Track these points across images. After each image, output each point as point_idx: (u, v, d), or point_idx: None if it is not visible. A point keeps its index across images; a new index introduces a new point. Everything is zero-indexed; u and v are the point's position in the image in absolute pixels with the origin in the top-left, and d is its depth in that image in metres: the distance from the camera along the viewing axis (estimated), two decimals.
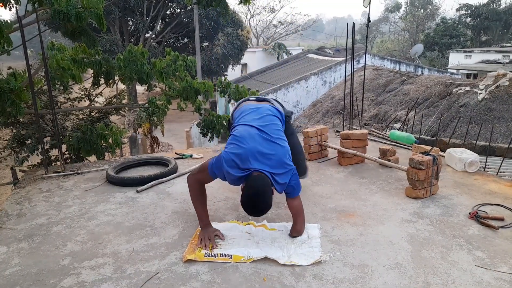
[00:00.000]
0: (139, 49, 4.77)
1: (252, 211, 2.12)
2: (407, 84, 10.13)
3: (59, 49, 4.40)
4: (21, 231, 2.48)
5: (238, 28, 21.66)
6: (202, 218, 2.34)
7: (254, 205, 2.09)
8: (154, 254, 2.17)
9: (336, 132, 4.91)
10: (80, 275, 1.99)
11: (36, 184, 3.34)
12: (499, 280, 1.90)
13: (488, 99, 7.53)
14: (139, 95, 21.75)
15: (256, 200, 2.07)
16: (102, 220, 2.62)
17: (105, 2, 4.02)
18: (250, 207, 2.10)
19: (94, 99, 6.04)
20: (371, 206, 2.78)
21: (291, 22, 39.20)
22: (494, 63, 17.26)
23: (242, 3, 4.92)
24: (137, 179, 3.26)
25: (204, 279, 1.94)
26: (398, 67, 14.56)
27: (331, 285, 1.89)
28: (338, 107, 10.86)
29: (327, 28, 70.95)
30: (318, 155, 3.87)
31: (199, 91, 5.11)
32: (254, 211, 2.12)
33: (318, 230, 2.40)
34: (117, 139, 4.62)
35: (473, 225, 2.46)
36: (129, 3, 18.10)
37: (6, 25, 3.32)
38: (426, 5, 34.10)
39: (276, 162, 2.17)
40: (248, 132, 2.25)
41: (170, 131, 14.03)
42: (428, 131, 7.46)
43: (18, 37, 3.32)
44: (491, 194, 2.95)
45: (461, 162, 3.43)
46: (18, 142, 5.15)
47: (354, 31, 5.10)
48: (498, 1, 28.67)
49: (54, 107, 3.66)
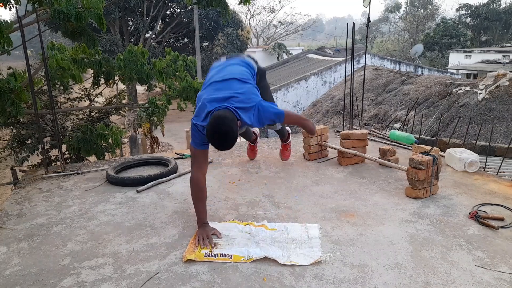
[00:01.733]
0: (139, 49, 4.77)
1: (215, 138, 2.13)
2: (407, 84, 10.13)
3: (59, 49, 4.40)
4: (21, 231, 2.48)
5: (238, 28, 21.68)
6: (200, 217, 2.36)
7: (216, 132, 2.10)
8: (154, 254, 2.17)
9: (336, 132, 4.91)
10: (80, 275, 1.99)
11: (36, 184, 3.34)
12: (499, 280, 1.91)
13: (488, 99, 7.54)
14: (139, 95, 21.75)
15: (217, 125, 2.10)
16: (102, 220, 2.62)
17: (105, 2, 4.02)
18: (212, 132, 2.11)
19: (94, 99, 6.05)
20: (371, 206, 2.78)
21: (291, 22, 39.23)
22: (494, 63, 17.27)
23: (242, 3, 4.91)
24: (137, 179, 3.26)
25: (204, 279, 1.94)
26: (398, 67, 14.56)
27: (331, 285, 1.89)
28: (338, 107, 10.86)
29: (327, 28, 71.01)
30: (318, 155, 3.87)
31: (199, 91, 5.11)
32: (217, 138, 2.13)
33: (318, 230, 2.40)
34: (117, 139, 4.62)
35: (473, 225, 2.46)
36: (129, 3, 18.11)
37: (6, 25, 3.33)
38: (426, 5, 34.11)
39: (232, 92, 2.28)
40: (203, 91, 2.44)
41: (170, 131, 14.02)
42: (428, 131, 7.47)
43: (18, 37, 3.32)
44: (491, 194, 2.95)
45: (461, 162, 3.43)
46: (18, 142, 5.15)
47: (354, 31, 5.10)
48: (498, 1, 28.67)
49: (54, 107, 3.66)
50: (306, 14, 67.03)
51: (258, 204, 2.84)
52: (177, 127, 15.92)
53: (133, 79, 4.92)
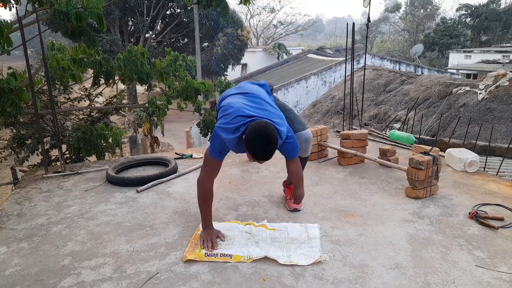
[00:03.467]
0: (139, 49, 4.77)
1: (263, 148, 1.96)
2: (407, 84, 10.13)
3: (59, 49, 4.40)
4: (21, 231, 2.48)
5: (238, 28, 21.67)
6: (205, 219, 2.32)
7: (264, 141, 1.93)
8: (154, 254, 2.17)
9: (336, 132, 4.91)
10: (80, 275, 1.99)
11: (36, 184, 3.34)
12: (499, 280, 1.91)
13: (488, 99, 7.54)
14: (139, 95, 21.76)
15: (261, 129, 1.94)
16: (102, 220, 2.62)
17: (105, 2, 4.02)
18: (259, 144, 1.95)
19: (94, 99, 6.05)
20: (371, 206, 2.78)
21: (291, 22, 39.22)
22: (494, 63, 17.27)
23: (242, 3, 4.91)
24: (137, 179, 3.26)
25: (204, 279, 1.94)
26: (398, 67, 14.56)
27: (331, 285, 1.89)
28: (338, 107, 10.86)
29: (327, 28, 71.02)
30: (318, 155, 3.87)
31: (199, 91, 5.12)
32: (265, 148, 1.96)
33: (318, 230, 2.40)
34: (117, 139, 4.62)
35: (473, 225, 2.46)
36: (129, 3, 18.11)
37: (6, 25, 3.32)
38: (426, 5, 34.11)
39: (268, 113, 2.17)
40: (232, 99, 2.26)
41: (170, 131, 14.03)
42: (428, 131, 7.47)
43: (18, 37, 3.32)
44: (491, 194, 2.95)
45: (461, 162, 3.43)
46: (18, 142, 5.15)
47: (354, 31, 5.11)
48: (498, 1, 28.68)
49: (54, 107, 3.66)
50: (306, 14, 67.01)
51: (258, 204, 2.84)
52: (177, 127, 15.93)
53: (133, 79, 4.92)
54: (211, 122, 5.39)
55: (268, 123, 2.01)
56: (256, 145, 1.97)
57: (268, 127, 1.98)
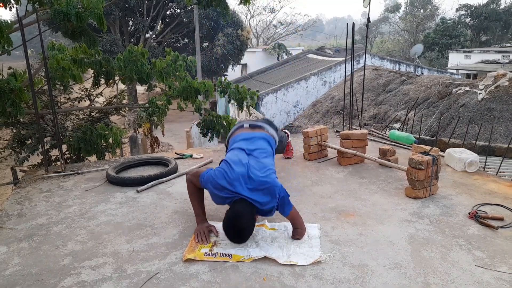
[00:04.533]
0: (139, 49, 4.77)
1: (231, 233, 2.16)
2: (407, 84, 10.14)
3: (59, 49, 4.41)
4: (21, 231, 2.48)
5: (238, 28, 21.69)
6: (198, 214, 2.42)
7: (233, 227, 2.14)
8: (154, 254, 2.18)
9: (336, 132, 4.91)
10: (80, 275, 1.99)
11: (36, 184, 3.34)
12: (498, 280, 1.91)
13: (487, 99, 7.54)
14: (139, 95, 21.77)
15: (235, 222, 2.13)
16: (102, 220, 2.63)
17: (105, 2, 4.03)
18: (230, 228, 2.14)
19: (94, 99, 6.06)
20: (371, 206, 2.78)
21: (291, 22, 39.26)
22: (493, 63, 17.29)
23: (242, 3, 4.92)
24: (137, 179, 3.26)
25: (204, 279, 1.94)
26: (398, 67, 14.57)
27: (331, 285, 1.89)
28: (338, 107, 10.87)
29: (327, 28, 71.08)
30: (318, 155, 3.87)
31: (199, 91, 5.12)
32: (233, 233, 2.16)
33: (318, 230, 2.40)
34: (117, 139, 4.62)
35: (472, 225, 2.47)
36: (129, 3, 18.12)
37: (6, 25, 3.33)
38: (425, 5, 34.14)
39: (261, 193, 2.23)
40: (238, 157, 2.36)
41: (170, 131, 14.04)
42: (427, 131, 7.47)
43: (18, 37, 3.32)
44: (490, 194, 2.95)
45: (460, 162, 3.43)
46: (19, 142, 5.16)
47: (354, 31, 5.11)
48: (498, 1, 28.70)
49: (54, 107, 3.66)
50: (306, 15, 67.08)
51: None
52: (177, 127, 15.94)
53: (133, 79, 4.92)
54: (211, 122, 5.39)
55: (243, 215, 2.13)
56: (229, 234, 2.17)
57: (242, 220, 2.13)
